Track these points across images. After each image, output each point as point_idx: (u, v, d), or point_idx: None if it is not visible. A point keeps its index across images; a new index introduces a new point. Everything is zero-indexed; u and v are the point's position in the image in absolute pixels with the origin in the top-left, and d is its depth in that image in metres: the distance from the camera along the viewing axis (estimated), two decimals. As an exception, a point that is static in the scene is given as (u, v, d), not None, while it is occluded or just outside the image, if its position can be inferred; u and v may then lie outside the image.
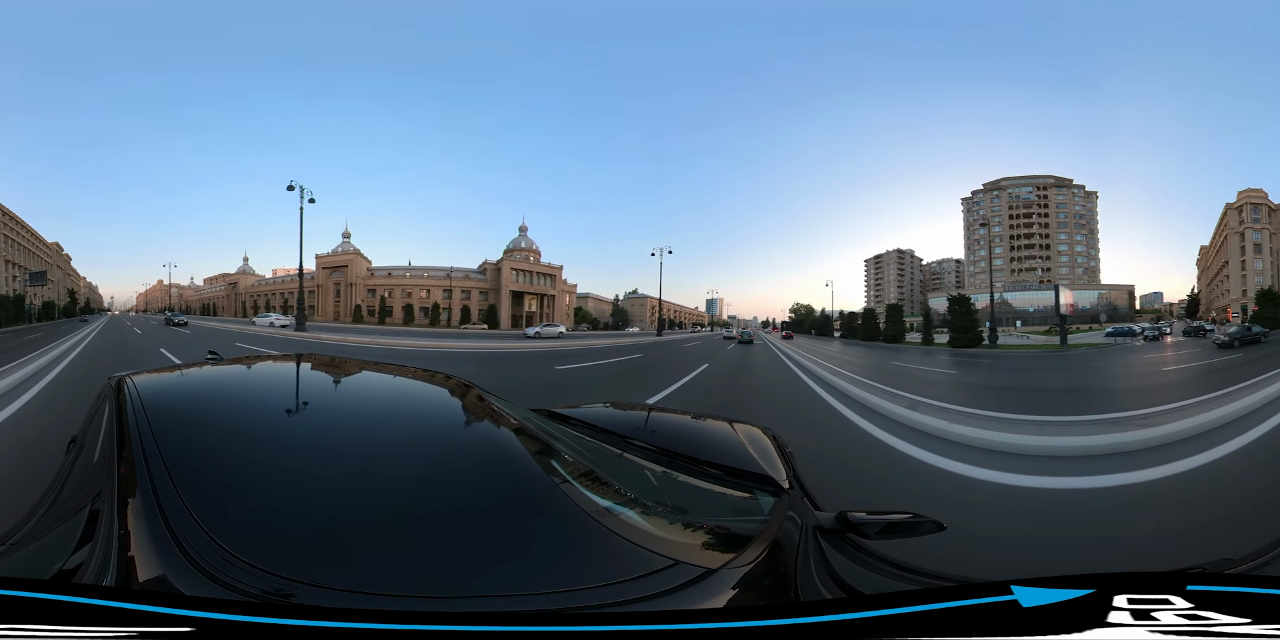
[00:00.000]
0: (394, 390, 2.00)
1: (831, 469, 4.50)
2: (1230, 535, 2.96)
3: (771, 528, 1.13)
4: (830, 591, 1.04)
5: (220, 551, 0.83)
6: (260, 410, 1.57)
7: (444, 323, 65.03)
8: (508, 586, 0.85)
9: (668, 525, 1.13)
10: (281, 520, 0.98)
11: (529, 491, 1.14)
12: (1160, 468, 4.32)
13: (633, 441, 1.77)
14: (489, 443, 1.45)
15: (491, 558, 0.91)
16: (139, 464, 1.06)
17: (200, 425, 1.35)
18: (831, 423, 6.94)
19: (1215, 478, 4.22)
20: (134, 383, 1.57)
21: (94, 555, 0.88)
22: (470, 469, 1.26)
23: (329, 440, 1.33)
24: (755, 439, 1.91)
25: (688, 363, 16.21)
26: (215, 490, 1.04)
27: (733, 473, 1.57)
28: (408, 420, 1.61)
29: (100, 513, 0.97)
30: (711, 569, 0.92)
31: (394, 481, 1.15)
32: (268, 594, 0.77)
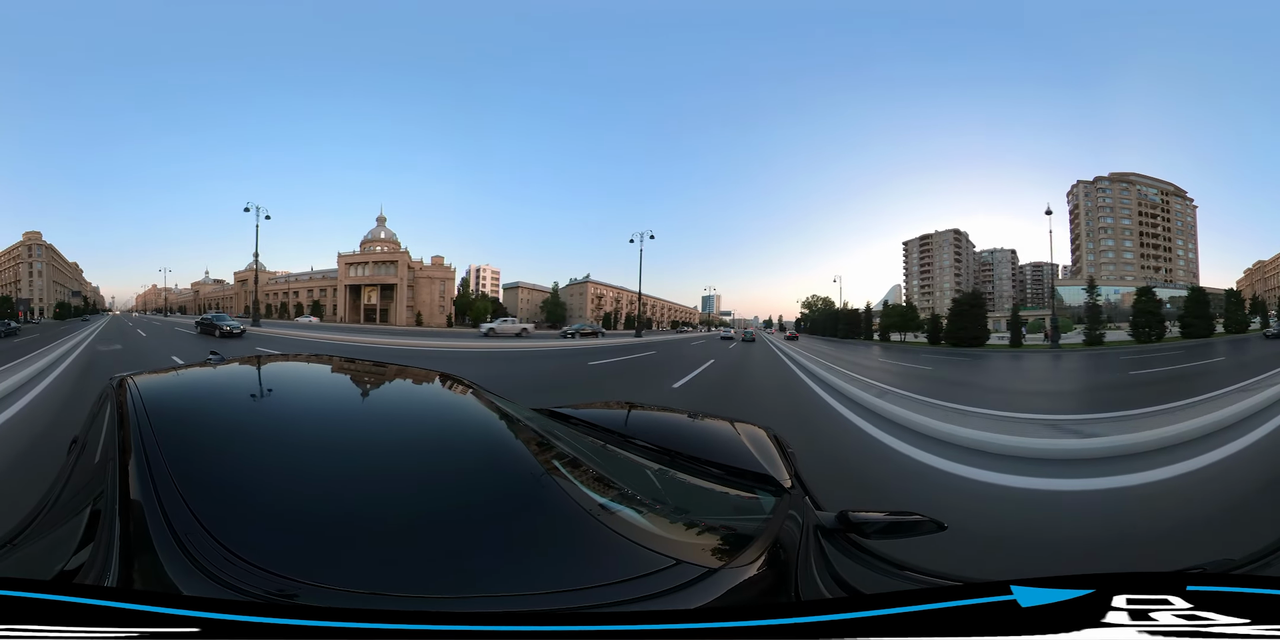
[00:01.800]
0: (395, 389, 2.00)
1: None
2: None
3: (773, 527, 1.13)
4: (831, 591, 1.04)
5: (222, 552, 0.83)
6: (261, 410, 1.57)
7: (328, 316, 72.18)
8: (509, 586, 0.85)
9: (669, 525, 1.13)
10: (283, 520, 0.98)
11: (530, 491, 1.14)
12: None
13: (634, 441, 1.77)
14: (491, 442, 1.45)
15: (493, 557, 0.91)
16: (140, 464, 1.06)
17: (202, 425, 1.36)
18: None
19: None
20: (135, 383, 1.57)
21: (96, 555, 0.88)
22: (472, 468, 1.26)
23: (330, 440, 1.33)
24: (756, 438, 1.91)
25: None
26: (217, 490, 1.04)
27: (734, 472, 1.57)
28: (409, 419, 1.61)
29: (102, 513, 0.97)
30: (713, 568, 0.92)
31: (395, 481, 1.15)
32: (271, 594, 0.77)
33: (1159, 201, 56.82)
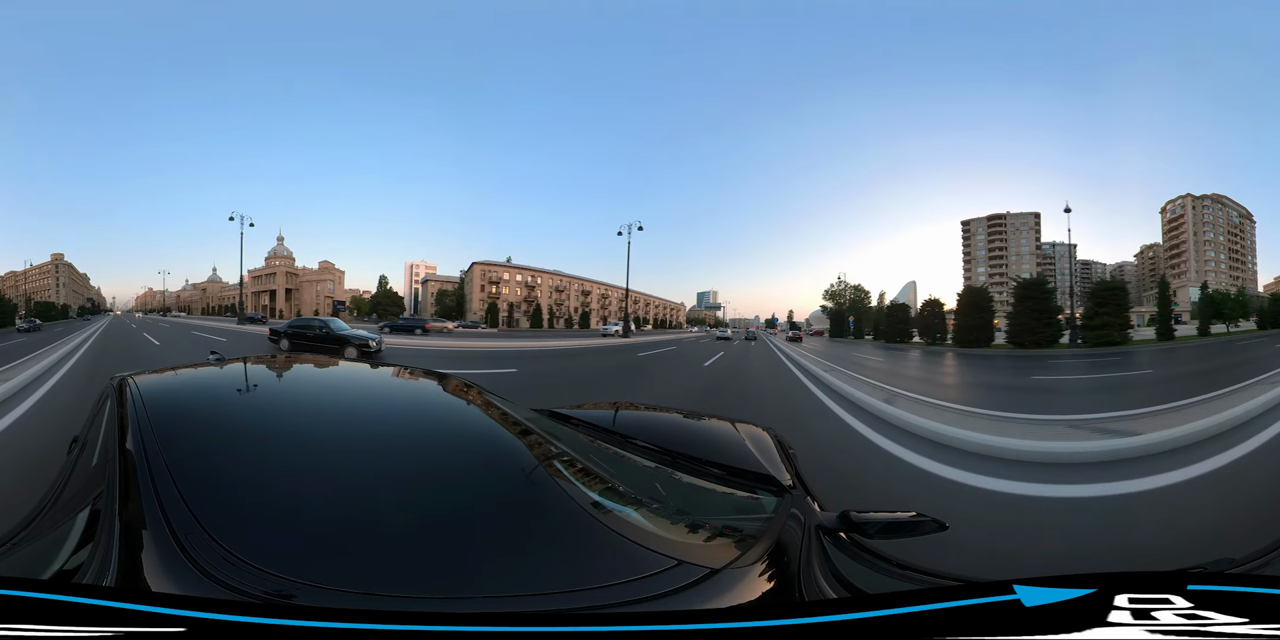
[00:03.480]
0: (394, 389, 2.00)
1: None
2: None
3: (775, 527, 1.13)
4: (834, 591, 1.03)
5: (221, 552, 0.83)
6: (261, 410, 1.57)
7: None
8: (510, 587, 0.84)
9: (670, 525, 1.12)
10: (281, 520, 0.98)
11: (531, 491, 1.14)
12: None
13: (635, 441, 1.76)
14: (491, 442, 1.45)
15: (492, 557, 0.91)
16: (140, 464, 1.06)
17: (201, 425, 1.35)
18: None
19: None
20: (135, 383, 1.57)
21: (95, 555, 0.88)
22: (472, 469, 1.25)
23: (330, 440, 1.33)
24: (758, 439, 1.91)
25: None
26: (216, 491, 1.04)
27: (735, 472, 1.56)
28: (409, 420, 1.61)
29: (101, 513, 0.97)
30: (715, 569, 0.92)
31: (394, 481, 1.15)
32: (269, 594, 0.77)
33: (1238, 222, 62.31)
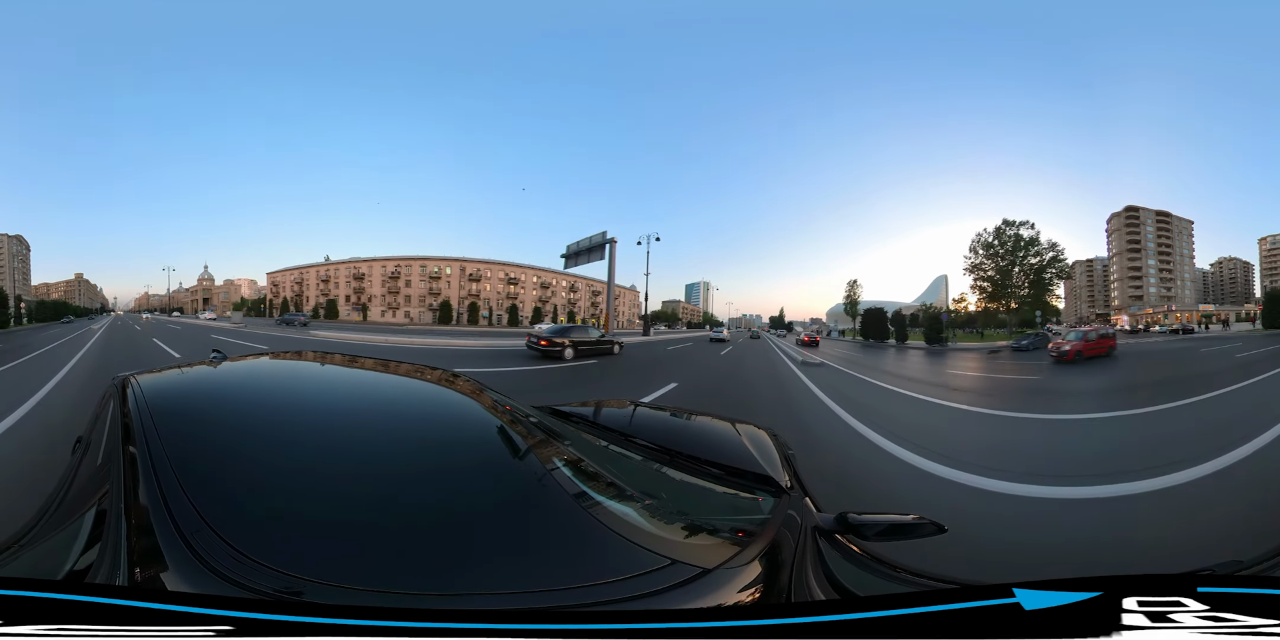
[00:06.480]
0: (398, 388, 2.00)
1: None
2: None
3: (771, 528, 1.12)
4: (825, 593, 1.03)
5: (228, 549, 0.83)
6: (264, 408, 1.57)
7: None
8: (506, 584, 0.85)
9: (666, 524, 1.12)
10: (286, 518, 0.98)
11: (530, 489, 1.14)
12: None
13: (634, 440, 1.76)
14: (492, 440, 1.45)
15: (491, 555, 0.91)
16: (144, 463, 1.06)
17: (204, 424, 1.36)
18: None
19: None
20: (138, 382, 1.57)
21: (104, 555, 0.88)
22: (473, 466, 1.26)
23: (333, 438, 1.33)
24: (757, 439, 1.90)
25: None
26: (221, 489, 1.04)
27: (734, 472, 1.56)
28: (412, 417, 1.61)
29: (108, 513, 0.98)
30: (708, 568, 0.91)
31: (397, 478, 1.15)
32: (277, 591, 0.78)
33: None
